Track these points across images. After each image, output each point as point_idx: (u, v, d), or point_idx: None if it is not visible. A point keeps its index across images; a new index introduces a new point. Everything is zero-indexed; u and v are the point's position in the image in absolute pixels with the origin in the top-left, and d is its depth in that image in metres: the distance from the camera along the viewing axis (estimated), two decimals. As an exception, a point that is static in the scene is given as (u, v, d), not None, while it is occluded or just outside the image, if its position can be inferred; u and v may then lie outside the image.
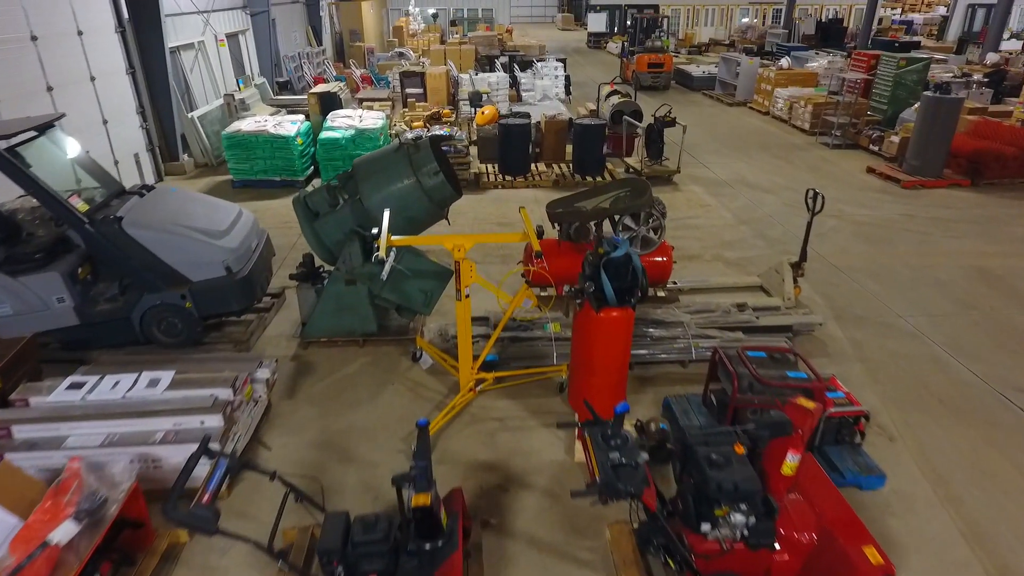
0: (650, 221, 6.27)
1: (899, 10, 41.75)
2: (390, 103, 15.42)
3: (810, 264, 6.93)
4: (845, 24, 31.51)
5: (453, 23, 34.22)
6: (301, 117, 11.29)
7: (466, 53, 19.12)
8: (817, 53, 21.53)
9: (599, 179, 10.87)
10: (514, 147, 10.83)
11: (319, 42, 22.24)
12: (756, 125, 15.62)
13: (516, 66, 17.29)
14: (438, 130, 11.00)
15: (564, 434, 4.85)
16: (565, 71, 17.15)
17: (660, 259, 6.47)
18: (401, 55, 21.37)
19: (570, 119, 12.18)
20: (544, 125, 11.73)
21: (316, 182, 10.96)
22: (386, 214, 4.84)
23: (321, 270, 6.17)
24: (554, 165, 11.53)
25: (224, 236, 5.71)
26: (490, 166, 11.35)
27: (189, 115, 11.66)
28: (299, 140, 10.58)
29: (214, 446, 3.87)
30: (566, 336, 5.65)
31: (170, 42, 11.85)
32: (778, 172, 11.69)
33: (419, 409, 5.18)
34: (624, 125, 11.68)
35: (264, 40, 16.78)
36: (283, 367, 5.73)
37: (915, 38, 28.26)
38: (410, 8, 29.17)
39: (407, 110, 14.30)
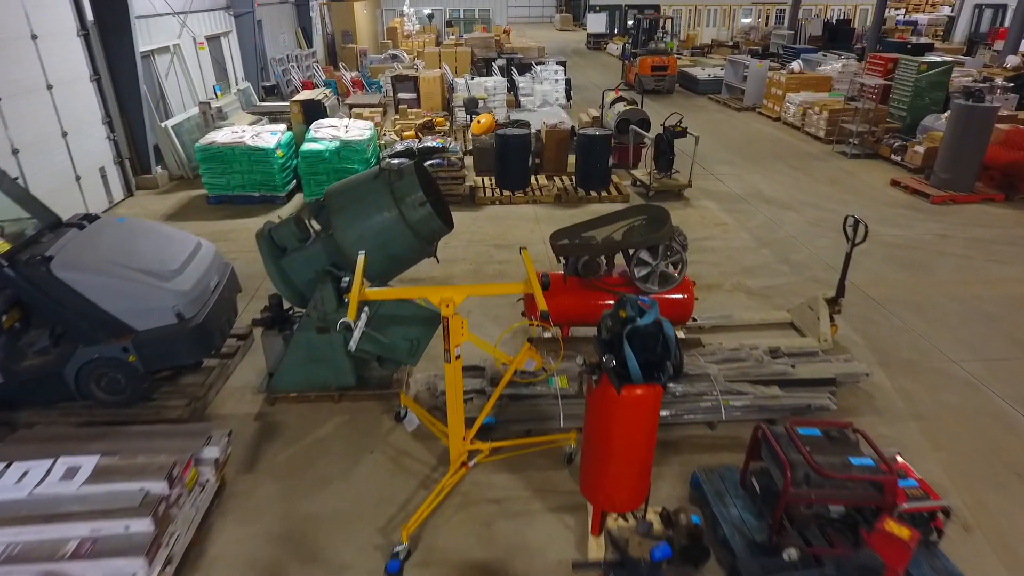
0: (669, 255, 5.46)
1: (903, 10, 41.02)
2: (381, 109, 14.60)
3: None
4: (852, 25, 30.69)
5: (449, 24, 33.39)
6: (283, 127, 10.47)
7: (462, 55, 18.30)
8: (825, 55, 20.76)
9: (604, 194, 10.06)
10: (512, 160, 10.02)
11: (309, 44, 21.40)
12: (768, 132, 14.83)
13: (514, 69, 16.48)
14: (430, 141, 10.18)
15: (575, 524, 4.04)
16: (565, 75, 16.33)
17: (680, 296, 5.66)
18: (394, 57, 20.56)
19: (572, 127, 11.38)
20: (544, 135, 10.92)
21: (299, 197, 10.15)
22: (359, 262, 4.04)
23: (292, 313, 5.37)
24: (555, 178, 10.73)
25: (176, 277, 4.89)
26: (487, 179, 10.54)
27: (163, 124, 10.83)
28: (279, 152, 9.76)
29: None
30: (575, 396, 4.85)
31: (142, 46, 11.02)
32: (796, 185, 10.89)
33: (401, 486, 4.37)
34: (631, 135, 10.88)
35: (249, 43, 15.94)
36: (244, 429, 4.92)
37: (922, 39, 27.50)
38: (405, 8, 28.33)
39: (398, 117, 13.50)
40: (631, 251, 5.43)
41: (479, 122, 11.25)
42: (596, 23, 34.09)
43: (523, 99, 15.21)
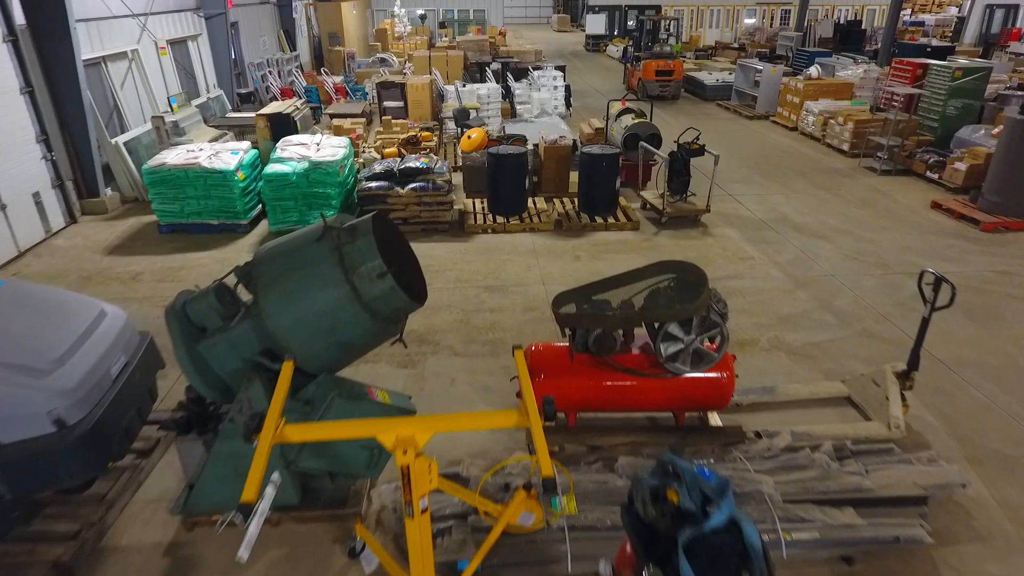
0: (705, 326, 4.26)
1: (909, 10, 39.91)
2: (365, 119, 13.38)
3: (905, 355, 4.92)
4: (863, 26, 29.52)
5: (442, 25, 32.19)
6: (246, 145, 9.23)
7: (453, 60, 17.11)
8: (838, 58, 19.59)
9: (611, 220, 8.86)
10: (507, 181, 8.81)
11: (293, 47, 20.15)
12: (785, 144, 13.63)
13: (510, 75, 15.29)
14: (414, 160, 8.97)
15: None
16: (565, 80, 15.13)
17: (718, 376, 4.46)
18: (383, 61, 19.34)
19: (574, 142, 10.19)
20: (543, 152, 9.73)
21: (263, 225, 8.92)
22: (283, 373, 2.84)
23: (216, 409, 4.15)
24: (555, 201, 9.54)
25: (56, 368, 3.66)
26: (478, 202, 9.33)
27: (113, 141, 9.60)
28: (240, 175, 8.54)
29: None
30: (588, 526, 3.65)
31: (92, 52, 9.83)
32: (825, 208, 9.70)
33: (350, 674, 3.16)
34: (640, 152, 9.69)
35: (222, 47, 14.69)
36: (148, 569, 3.70)
37: (932, 40, 26.35)
38: (396, 9, 27.09)
39: (382, 130, 12.27)
40: (657, 324, 4.23)
41: (469, 138, 10.05)
42: (595, 24, 32.93)
43: (519, 107, 14.03)
